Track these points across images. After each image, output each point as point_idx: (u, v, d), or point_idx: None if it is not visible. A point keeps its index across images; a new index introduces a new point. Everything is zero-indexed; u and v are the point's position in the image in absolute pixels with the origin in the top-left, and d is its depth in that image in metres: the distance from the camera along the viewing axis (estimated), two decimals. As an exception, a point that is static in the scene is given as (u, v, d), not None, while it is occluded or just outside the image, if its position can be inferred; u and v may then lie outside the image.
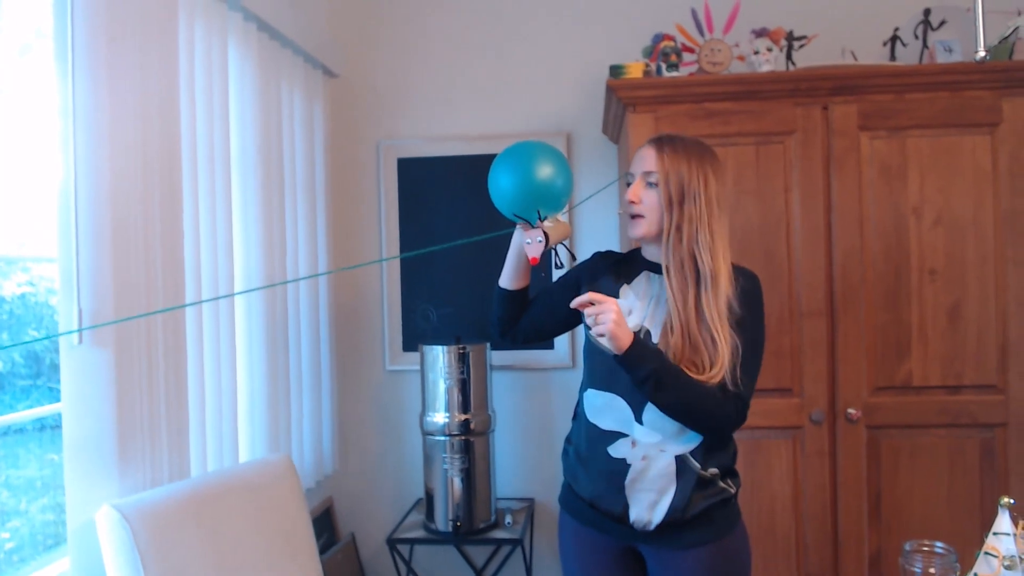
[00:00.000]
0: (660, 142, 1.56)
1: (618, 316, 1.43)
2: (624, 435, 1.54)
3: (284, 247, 2.37)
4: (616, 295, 1.61)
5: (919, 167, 2.20)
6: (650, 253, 1.62)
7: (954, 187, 2.19)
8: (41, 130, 1.59)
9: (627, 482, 1.52)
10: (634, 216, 1.56)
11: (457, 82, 2.95)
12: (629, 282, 1.62)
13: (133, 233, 1.60)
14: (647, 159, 1.55)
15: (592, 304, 1.44)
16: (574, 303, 1.47)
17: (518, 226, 1.60)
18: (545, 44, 2.91)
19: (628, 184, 1.60)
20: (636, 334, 1.47)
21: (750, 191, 2.23)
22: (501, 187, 1.56)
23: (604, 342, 1.44)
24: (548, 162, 1.55)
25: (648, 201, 1.54)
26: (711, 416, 1.48)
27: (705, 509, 1.51)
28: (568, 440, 1.70)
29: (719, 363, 1.45)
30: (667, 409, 1.47)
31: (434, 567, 2.94)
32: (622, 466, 1.53)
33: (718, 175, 1.54)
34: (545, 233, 1.55)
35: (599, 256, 1.74)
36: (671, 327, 1.49)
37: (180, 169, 1.75)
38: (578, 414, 1.66)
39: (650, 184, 1.54)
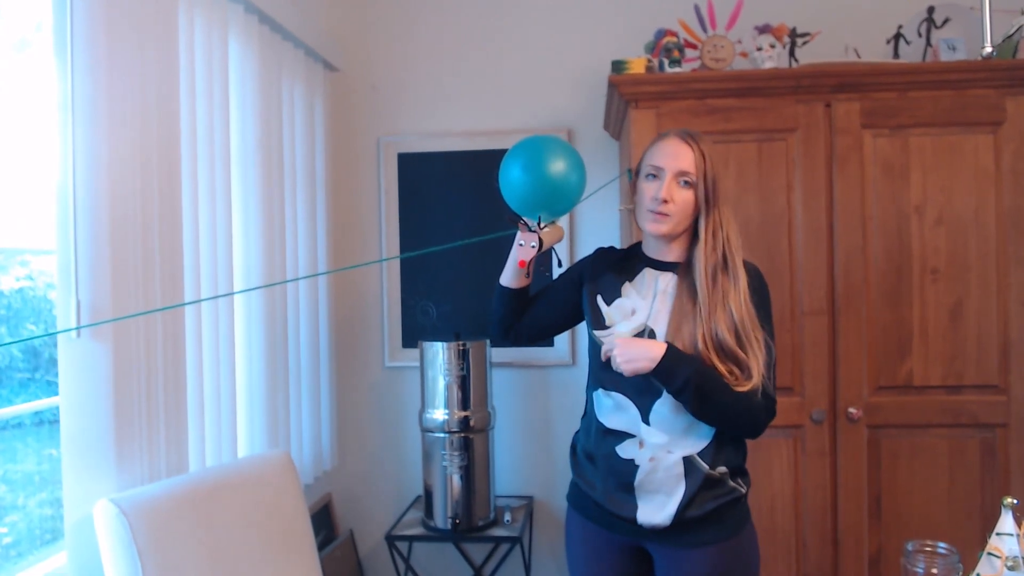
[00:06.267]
0: (692, 139, 1.53)
1: (624, 343, 1.46)
2: (631, 436, 1.53)
3: (284, 241, 2.36)
4: (619, 293, 1.60)
5: (922, 166, 2.19)
6: (652, 250, 1.61)
7: (957, 186, 2.18)
8: (40, 124, 1.58)
9: (636, 483, 1.51)
10: (660, 213, 1.51)
11: (458, 78, 2.94)
12: (631, 279, 1.60)
13: (132, 226, 1.59)
14: (683, 158, 1.51)
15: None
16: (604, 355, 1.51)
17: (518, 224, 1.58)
18: (546, 39, 2.90)
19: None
20: (668, 344, 1.46)
21: (752, 189, 2.22)
22: (512, 180, 1.53)
23: (636, 366, 1.44)
24: (567, 166, 1.51)
25: (680, 201, 1.51)
26: (752, 420, 1.47)
27: (714, 509, 1.50)
28: (576, 438, 1.69)
29: (755, 368, 1.43)
30: (709, 418, 1.46)
31: (433, 564, 2.94)
32: (631, 467, 1.51)
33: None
34: (540, 239, 1.53)
35: (601, 252, 1.72)
36: (706, 338, 1.45)
37: (179, 162, 1.74)
38: (587, 412, 1.65)
39: (685, 184, 1.51)
